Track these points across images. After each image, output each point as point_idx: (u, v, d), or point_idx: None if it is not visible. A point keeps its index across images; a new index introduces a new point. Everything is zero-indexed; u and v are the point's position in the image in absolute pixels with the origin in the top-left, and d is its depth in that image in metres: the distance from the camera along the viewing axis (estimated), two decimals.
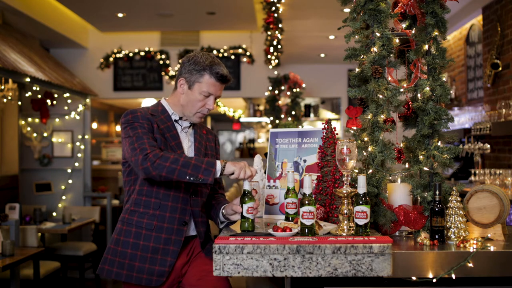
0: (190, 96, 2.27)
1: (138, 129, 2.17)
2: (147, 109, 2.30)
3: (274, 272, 1.79)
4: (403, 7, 2.26)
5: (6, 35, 5.64)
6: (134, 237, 2.19)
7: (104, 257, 2.23)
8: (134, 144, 2.12)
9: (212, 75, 2.25)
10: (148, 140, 2.13)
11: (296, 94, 7.12)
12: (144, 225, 2.20)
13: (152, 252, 2.18)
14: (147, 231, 2.20)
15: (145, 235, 2.19)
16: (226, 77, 2.28)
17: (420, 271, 1.82)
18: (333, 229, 2.03)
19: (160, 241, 2.20)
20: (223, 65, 2.32)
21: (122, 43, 7.64)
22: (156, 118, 2.27)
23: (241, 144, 10.66)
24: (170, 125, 2.29)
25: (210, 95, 2.27)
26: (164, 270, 2.18)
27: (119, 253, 2.19)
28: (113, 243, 2.22)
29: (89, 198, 6.56)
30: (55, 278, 5.18)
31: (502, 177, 4.42)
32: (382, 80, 2.17)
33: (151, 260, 2.18)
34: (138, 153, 2.09)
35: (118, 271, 2.18)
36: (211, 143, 2.48)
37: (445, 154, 2.11)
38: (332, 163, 2.26)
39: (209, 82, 2.25)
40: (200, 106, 2.27)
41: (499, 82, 5.31)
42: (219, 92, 2.30)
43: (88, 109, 6.65)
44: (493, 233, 2.08)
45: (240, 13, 6.40)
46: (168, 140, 2.25)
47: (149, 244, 2.19)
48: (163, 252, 2.20)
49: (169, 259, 2.20)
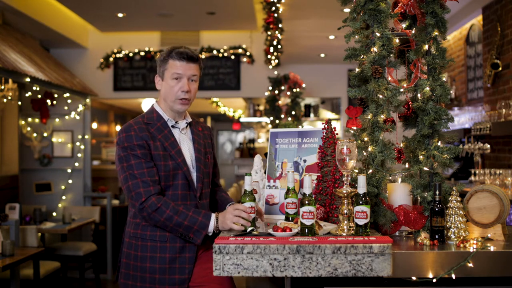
0: (165, 86, 2.31)
1: (131, 160, 2.19)
2: (143, 119, 2.31)
3: (274, 272, 1.79)
4: (403, 7, 2.26)
5: (6, 35, 5.64)
6: (150, 251, 2.23)
7: (125, 272, 2.26)
8: (128, 182, 2.18)
9: (174, 57, 2.28)
10: (141, 176, 2.16)
11: (296, 94, 7.12)
12: (157, 237, 2.23)
13: (170, 262, 2.22)
14: (162, 243, 2.23)
15: (160, 247, 2.23)
16: (187, 53, 2.28)
17: (420, 271, 1.82)
18: (333, 229, 2.03)
19: (176, 250, 2.23)
20: (186, 47, 2.33)
21: (122, 43, 7.64)
22: (153, 127, 2.29)
23: (241, 144, 10.65)
24: (167, 133, 2.30)
25: (180, 77, 2.28)
26: (184, 278, 2.22)
27: (139, 268, 2.23)
28: (131, 259, 2.25)
29: (89, 198, 6.56)
30: (55, 278, 5.18)
31: (502, 177, 4.42)
32: (382, 80, 2.17)
33: (170, 270, 2.21)
34: (134, 197, 2.16)
35: (141, 285, 2.22)
36: (208, 140, 2.50)
37: (445, 154, 2.11)
38: (332, 163, 2.26)
39: (173, 65, 2.28)
40: (176, 91, 2.28)
41: (499, 82, 5.31)
42: (188, 72, 2.29)
43: (88, 109, 6.65)
44: (493, 233, 2.08)
45: (240, 13, 6.40)
46: (167, 150, 2.26)
47: (165, 255, 2.22)
48: (180, 260, 2.23)
49: (187, 266, 2.23)
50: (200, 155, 2.36)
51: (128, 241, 2.29)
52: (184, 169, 2.27)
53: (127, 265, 2.26)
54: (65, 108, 6.48)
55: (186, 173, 2.27)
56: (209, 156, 2.45)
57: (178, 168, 2.26)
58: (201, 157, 2.36)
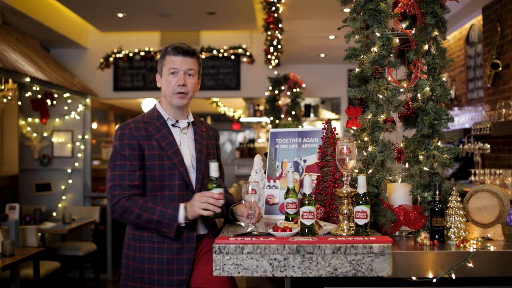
0: (164, 82, 2.34)
1: (117, 161, 2.24)
2: (142, 118, 2.34)
3: (274, 272, 1.79)
4: (403, 7, 2.26)
5: (6, 35, 5.64)
6: (148, 252, 2.24)
7: (125, 273, 2.28)
8: (109, 182, 2.23)
9: (170, 52, 2.32)
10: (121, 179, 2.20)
11: (296, 94, 7.11)
12: (155, 238, 2.24)
13: (168, 263, 2.22)
14: (159, 244, 2.23)
15: (158, 249, 2.23)
16: (182, 48, 2.31)
17: (420, 271, 1.82)
18: (333, 229, 2.03)
19: (173, 251, 2.23)
20: (183, 43, 2.35)
21: (122, 43, 7.64)
22: (152, 125, 2.30)
23: (241, 144, 10.64)
24: (166, 132, 2.30)
25: (176, 71, 2.30)
26: (183, 279, 2.22)
27: (138, 269, 2.24)
28: (130, 260, 2.27)
29: (89, 198, 6.55)
30: (55, 278, 5.18)
31: (502, 177, 4.42)
32: (382, 80, 2.17)
33: (168, 271, 2.22)
34: (109, 199, 2.22)
35: (141, 285, 2.23)
36: (212, 141, 2.48)
37: (445, 154, 2.11)
38: (332, 163, 2.26)
39: (170, 60, 2.32)
40: (172, 85, 2.30)
41: (499, 82, 5.31)
42: (184, 66, 2.31)
43: (88, 109, 6.65)
44: (493, 233, 2.08)
45: (240, 13, 6.40)
46: (164, 149, 2.26)
47: (163, 256, 2.22)
48: (178, 261, 2.23)
49: (186, 267, 2.23)
50: (201, 156, 2.35)
51: (127, 242, 2.30)
52: (181, 169, 2.26)
53: (126, 266, 2.27)
54: (65, 108, 6.48)
55: (183, 174, 2.26)
56: (212, 157, 2.43)
57: (174, 168, 2.25)
58: (202, 158, 2.35)
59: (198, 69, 2.36)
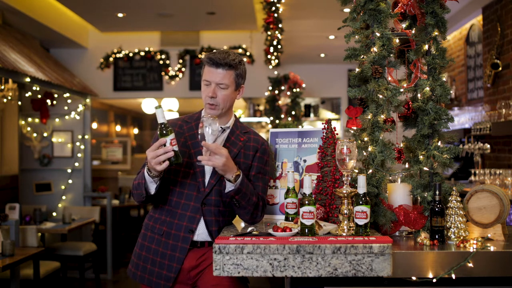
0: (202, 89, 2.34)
1: None
2: (184, 116, 2.44)
3: (274, 272, 1.79)
4: (403, 7, 2.26)
5: (6, 35, 5.64)
6: (148, 241, 2.31)
7: (132, 259, 2.37)
8: None
9: (206, 61, 2.29)
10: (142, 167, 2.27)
11: (296, 94, 7.11)
12: (156, 230, 2.30)
13: (161, 257, 2.27)
14: (158, 236, 2.29)
15: (156, 240, 2.29)
16: (214, 59, 2.25)
17: (420, 271, 1.82)
18: (333, 229, 2.02)
19: (168, 247, 2.26)
20: (222, 51, 2.30)
21: (122, 43, 7.64)
22: (187, 124, 2.36)
23: None
24: (196, 133, 2.33)
25: (208, 83, 2.28)
26: (170, 276, 2.23)
27: (137, 255, 2.33)
28: (137, 246, 2.37)
29: (89, 198, 6.56)
30: (55, 278, 5.18)
31: (502, 177, 4.42)
32: (382, 80, 2.17)
33: (159, 264, 2.26)
34: None
35: (135, 271, 2.32)
36: (250, 151, 2.35)
37: (445, 154, 2.11)
38: (332, 163, 2.26)
39: (205, 71, 2.30)
40: (204, 95, 2.30)
41: (499, 82, 5.31)
42: (217, 78, 2.26)
43: (88, 109, 6.65)
44: (493, 233, 2.08)
45: (240, 13, 6.40)
46: (188, 147, 2.30)
47: (159, 249, 2.27)
48: (169, 258, 2.25)
49: (175, 265, 2.24)
50: None
51: (142, 232, 2.39)
52: (197, 170, 2.26)
53: (134, 253, 2.37)
54: (65, 108, 6.48)
55: (198, 175, 2.26)
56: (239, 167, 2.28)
57: (191, 168, 2.27)
58: None
59: (233, 81, 2.29)
